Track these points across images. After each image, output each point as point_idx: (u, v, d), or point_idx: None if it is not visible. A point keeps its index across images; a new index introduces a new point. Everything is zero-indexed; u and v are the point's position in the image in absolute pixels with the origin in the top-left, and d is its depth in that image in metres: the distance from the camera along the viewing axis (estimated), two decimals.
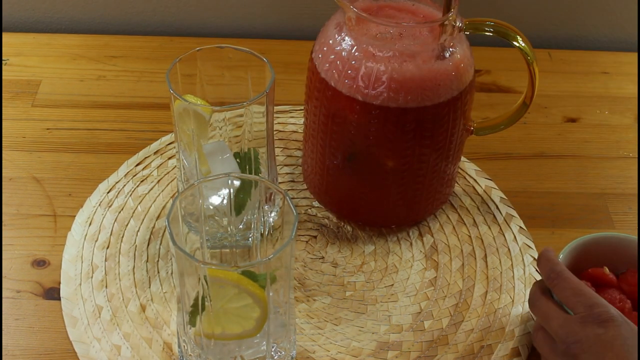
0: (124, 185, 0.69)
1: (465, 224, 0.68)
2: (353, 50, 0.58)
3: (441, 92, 0.58)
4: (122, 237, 0.65)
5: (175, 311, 0.59)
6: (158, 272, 0.62)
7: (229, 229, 0.61)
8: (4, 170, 0.71)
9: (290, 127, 0.77)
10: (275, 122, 0.74)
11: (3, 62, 0.84)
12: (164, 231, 0.65)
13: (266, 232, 0.57)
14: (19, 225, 0.66)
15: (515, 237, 0.66)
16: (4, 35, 0.88)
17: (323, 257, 0.64)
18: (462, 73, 0.59)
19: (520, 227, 0.67)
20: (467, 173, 0.73)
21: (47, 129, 0.76)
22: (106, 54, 0.86)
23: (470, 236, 0.66)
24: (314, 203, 0.69)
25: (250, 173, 0.61)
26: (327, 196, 0.67)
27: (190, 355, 0.53)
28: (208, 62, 0.60)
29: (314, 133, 0.63)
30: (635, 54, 0.90)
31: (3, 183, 0.69)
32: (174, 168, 0.71)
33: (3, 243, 0.64)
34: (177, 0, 0.91)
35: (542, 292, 0.54)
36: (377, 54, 0.57)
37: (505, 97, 0.83)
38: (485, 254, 0.65)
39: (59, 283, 0.61)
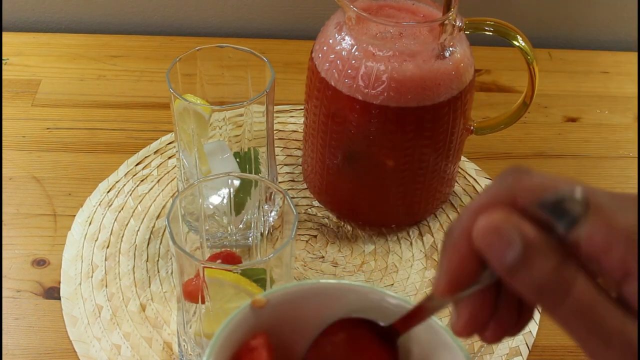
0: (124, 185, 0.69)
1: None
2: (353, 50, 0.58)
3: (441, 92, 0.58)
4: (122, 236, 0.65)
5: (175, 311, 0.59)
6: (158, 272, 0.62)
7: (229, 229, 0.61)
8: (4, 170, 0.71)
9: (290, 127, 0.77)
10: (275, 121, 0.73)
11: (3, 61, 0.84)
12: (164, 231, 0.65)
13: (266, 232, 0.57)
14: (19, 224, 0.66)
15: None
16: (4, 35, 0.88)
17: (323, 257, 0.64)
18: (462, 72, 0.59)
19: None
20: (467, 173, 0.73)
21: (47, 128, 0.76)
22: (106, 54, 0.86)
23: None
24: (314, 203, 0.69)
25: (250, 173, 0.61)
26: (327, 196, 0.67)
27: (190, 354, 0.53)
28: (208, 61, 0.60)
29: (314, 133, 0.63)
30: (635, 54, 0.90)
31: (3, 183, 0.69)
32: (174, 168, 0.71)
33: (3, 243, 0.64)
34: (177, 0, 0.91)
35: None
36: (377, 54, 0.57)
37: (505, 96, 0.83)
38: None
39: (59, 282, 0.61)
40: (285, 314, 0.38)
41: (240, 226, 0.61)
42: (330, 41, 0.60)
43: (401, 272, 0.63)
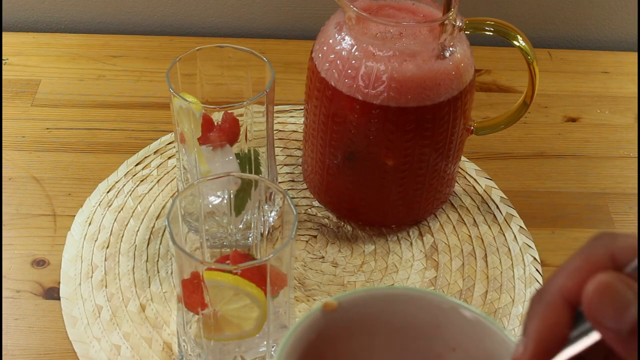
0: (124, 185, 0.69)
1: (465, 224, 0.67)
2: (353, 50, 0.58)
3: (441, 92, 0.58)
4: (122, 236, 0.65)
5: (175, 311, 0.59)
6: (158, 272, 0.62)
7: (229, 229, 0.61)
8: (4, 170, 0.70)
9: (290, 127, 0.77)
10: (275, 122, 0.73)
11: (3, 61, 0.84)
12: (164, 231, 0.65)
13: (266, 232, 0.57)
14: (18, 225, 0.66)
15: (515, 236, 0.66)
16: (4, 35, 0.87)
17: (323, 257, 0.64)
18: (462, 72, 0.59)
19: (521, 226, 0.67)
20: (467, 173, 0.72)
21: (47, 128, 0.76)
22: (106, 54, 0.86)
23: (470, 236, 0.66)
24: (314, 203, 0.69)
25: (250, 173, 0.61)
26: (327, 196, 0.67)
27: (190, 355, 0.53)
28: (208, 61, 0.60)
29: (314, 133, 0.63)
30: (635, 54, 0.90)
31: (3, 183, 0.69)
32: (173, 168, 0.71)
33: (3, 243, 0.64)
34: (177, 0, 0.91)
35: None
36: (377, 54, 0.57)
37: (505, 96, 0.83)
38: (486, 254, 0.65)
39: (59, 283, 0.61)
40: (356, 318, 0.38)
41: (240, 226, 0.61)
42: (330, 41, 0.60)
43: (401, 272, 0.63)
